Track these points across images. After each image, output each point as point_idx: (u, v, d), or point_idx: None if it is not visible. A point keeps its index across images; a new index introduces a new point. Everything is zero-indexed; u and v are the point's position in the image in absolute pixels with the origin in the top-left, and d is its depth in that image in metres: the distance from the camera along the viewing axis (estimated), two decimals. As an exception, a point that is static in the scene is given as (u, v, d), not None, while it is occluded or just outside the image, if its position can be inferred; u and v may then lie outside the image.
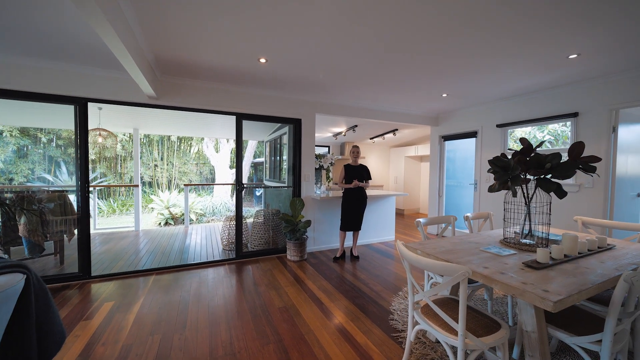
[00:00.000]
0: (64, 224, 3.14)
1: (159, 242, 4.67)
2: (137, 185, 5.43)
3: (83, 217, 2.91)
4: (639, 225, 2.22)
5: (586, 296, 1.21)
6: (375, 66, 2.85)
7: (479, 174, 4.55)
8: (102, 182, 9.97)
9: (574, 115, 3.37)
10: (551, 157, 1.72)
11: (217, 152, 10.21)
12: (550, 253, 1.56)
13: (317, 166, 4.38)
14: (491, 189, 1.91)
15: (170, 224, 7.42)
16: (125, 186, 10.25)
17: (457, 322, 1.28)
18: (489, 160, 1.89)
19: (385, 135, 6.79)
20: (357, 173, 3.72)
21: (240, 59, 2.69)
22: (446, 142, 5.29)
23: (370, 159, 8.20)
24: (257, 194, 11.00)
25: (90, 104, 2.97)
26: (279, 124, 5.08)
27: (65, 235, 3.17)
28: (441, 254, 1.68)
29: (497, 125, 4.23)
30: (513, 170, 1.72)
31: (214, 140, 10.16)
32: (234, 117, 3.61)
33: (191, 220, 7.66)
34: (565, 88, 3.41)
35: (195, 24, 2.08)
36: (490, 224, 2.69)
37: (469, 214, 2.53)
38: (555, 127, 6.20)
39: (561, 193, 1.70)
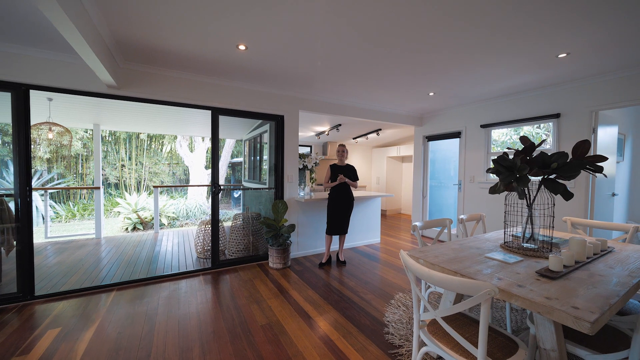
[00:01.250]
0: (0, 234, 2.64)
1: (124, 250, 4.18)
2: (99, 188, 4.86)
3: (24, 226, 2.45)
4: (627, 226, 2.21)
5: (615, 311, 1.08)
6: (365, 61, 2.67)
7: (463, 174, 4.54)
8: (58, 183, 9.01)
9: (556, 116, 3.41)
10: (557, 156, 1.62)
11: (191, 151, 9.61)
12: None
13: (301, 166, 4.13)
14: (494, 191, 1.79)
15: (138, 229, 6.81)
16: (85, 188, 9.35)
17: (473, 344, 1.11)
18: (493, 160, 1.76)
19: (369, 135, 6.69)
20: (344, 173, 3.53)
21: (216, 45, 2.38)
22: (430, 143, 5.26)
23: (353, 159, 8.08)
24: (235, 195, 10.52)
25: (34, 93, 2.52)
26: (260, 121, 4.78)
27: (2, 248, 2.67)
28: (446, 264, 1.51)
29: (481, 126, 4.23)
30: (520, 171, 1.59)
31: (188, 139, 9.56)
32: (209, 112, 3.27)
33: (162, 224, 7.09)
34: (549, 89, 3.45)
35: (160, 1, 1.77)
36: (482, 225, 2.60)
37: (463, 216, 2.42)
38: (530, 129, 6.43)
39: (568, 194, 1.60)
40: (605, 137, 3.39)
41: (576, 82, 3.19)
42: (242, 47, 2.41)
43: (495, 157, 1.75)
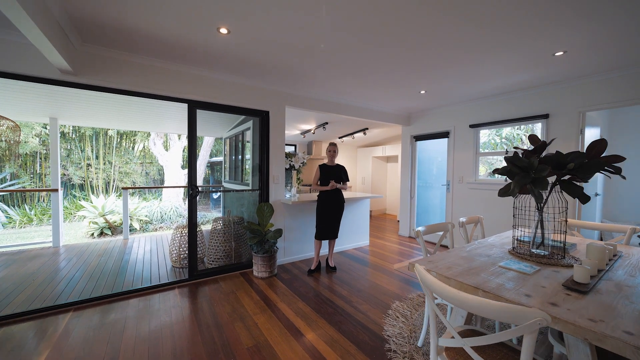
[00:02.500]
0: None
1: (87, 260, 3.71)
2: (57, 190, 4.31)
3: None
4: (624, 227, 2.18)
5: (666, 333, 0.95)
6: (358, 55, 2.48)
7: (452, 174, 4.49)
8: (12, 184, 8.09)
9: (545, 116, 3.41)
10: (573, 156, 1.50)
11: (166, 150, 9.00)
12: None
13: (287, 166, 3.87)
14: (504, 193, 1.65)
15: (106, 234, 6.22)
16: (41, 191, 8.46)
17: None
18: (505, 158, 1.62)
19: (355, 135, 6.54)
20: (334, 174, 3.31)
21: (193, 26, 2.08)
22: (417, 143, 5.19)
23: (338, 159, 7.91)
24: (215, 196, 10.03)
25: (-35, 77, 2.08)
26: (242, 118, 4.46)
27: None
28: (462, 277, 1.34)
29: (470, 126, 4.20)
30: (538, 172, 1.46)
31: (162, 137, 8.94)
32: (186, 105, 2.93)
33: (134, 229, 6.53)
34: (539, 89, 3.44)
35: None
36: (481, 229, 2.50)
37: (463, 219, 2.29)
38: (510, 130, 6.56)
39: (585, 197, 1.48)
40: (589, 138, 3.44)
41: (566, 82, 3.19)
42: (223, 31, 2.12)
43: (508, 157, 1.62)
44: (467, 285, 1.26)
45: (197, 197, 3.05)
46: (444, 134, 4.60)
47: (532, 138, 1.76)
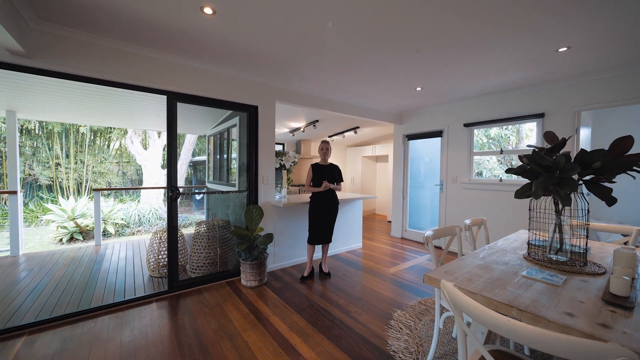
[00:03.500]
0: None
1: (50, 272, 3.30)
2: (15, 192, 3.84)
3: None
4: (630, 228, 2.13)
5: None
6: (356, 49, 2.29)
7: (445, 174, 4.41)
8: (-33, 186, 7.31)
9: (541, 116, 3.37)
10: (598, 154, 1.38)
11: (145, 148, 8.45)
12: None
13: (277, 165, 3.63)
14: (522, 194, 1.50)
15: (77, 239, 5.72)
16: None
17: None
18: (527, 156, 1.48)
19: (346, 134, 6.37)
20: (328, 174, 3.11)
21: (172, 4, 1.80)
22: (410, 142, 5.08)
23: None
24: (198, 197, 9.57)
25: None
26: (227, 113, 4.17)
27: None
28: (489, 292, 1.17)
29: (465, 125, 4.12)
30: (566, 171, 1.32)
31: (140, 134, 8.39)
32: (165, 97, 2.62)
33: (109, 233, 6.04)
34: (535, 88, 3.39)
35: None
36: (485, 231, 2.37)
37: (468, 222, 2.15)
38: (498, 129, 6.61)
39: (612, 199, 1.36)
40: (584, 138, 3.43)
41: (563, 81, 3.15)
42: (208, 11, 1.86)
43: (529, 155, 1.48)
44: (497, 302, 1.10)
45: (179, 199, 2.76)
46: (437, 133, 4.51)
47: (549, 135, 1.64)
